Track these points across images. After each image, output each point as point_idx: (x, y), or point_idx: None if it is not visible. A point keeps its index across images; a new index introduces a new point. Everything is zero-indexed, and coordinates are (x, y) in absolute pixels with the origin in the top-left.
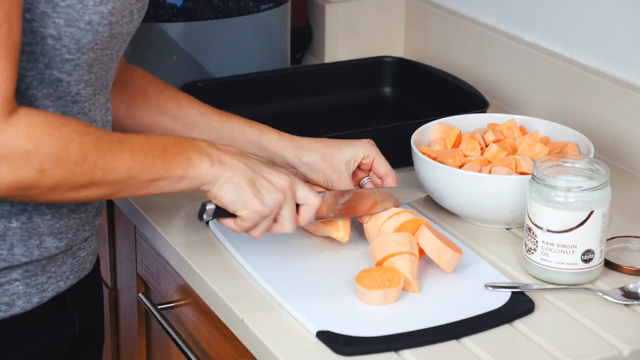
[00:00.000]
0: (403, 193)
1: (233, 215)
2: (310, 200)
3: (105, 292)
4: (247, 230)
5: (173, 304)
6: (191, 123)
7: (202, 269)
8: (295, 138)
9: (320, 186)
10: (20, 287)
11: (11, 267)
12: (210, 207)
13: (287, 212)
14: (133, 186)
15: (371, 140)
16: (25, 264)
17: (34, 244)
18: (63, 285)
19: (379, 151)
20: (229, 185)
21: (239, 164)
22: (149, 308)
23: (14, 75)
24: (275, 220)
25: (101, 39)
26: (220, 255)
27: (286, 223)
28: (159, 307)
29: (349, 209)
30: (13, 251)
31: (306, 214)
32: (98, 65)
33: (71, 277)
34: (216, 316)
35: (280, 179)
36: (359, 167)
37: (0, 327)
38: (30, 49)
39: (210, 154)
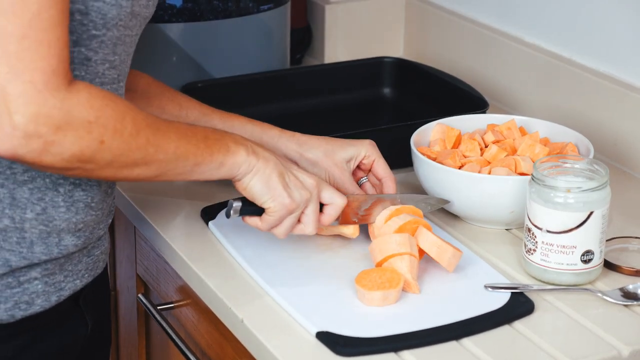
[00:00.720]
0: (425, 202)
1: (258, 214)
2: (335, 200)
3: None
4: (272, 228)
5: (173, 305)
6: (193, 122)
7: (202, 269)
8: (297, 135)
9: None
10: (40, 286)
11: (31, 266)
12: (237, 204)
13: (311, 211)
14: (179, 168)
15: (372, 142)
16: (45, 262)
17: (53, 241)
18: (79, 284)
19: (379, 153)
20: (261, 175)
21: (270, 157)
22: (148, 309)
23: (68, 43)
24: (299, 220)
25: (124, 15)
26: (220, 256)
27: (309, 222)
28: (158, 307)
29: (371, 215)
30: (33, 249)
31: (331, 213)
32: (121, 47)
33: (86, 275)
34: (216, 317)
35: (308, 178)
36: (358, 166)
37: (18, 325)
38: None
39: (244, 144)
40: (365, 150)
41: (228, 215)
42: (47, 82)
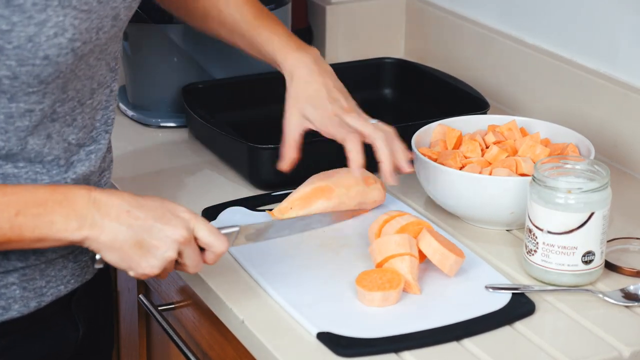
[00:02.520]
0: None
1: None
2: (213, 247)
3: None
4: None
5: (173, 306)
6: (230, 29)
7: (203, 270)
8: (291, 66)
9: None
10: (17, 291)
11: (7, 272)
12: (99, 256)
13: (186, 260)
14: (17, 245)
15: (361, 114)
16: (22, 268)
17: (29, 249)
18: (63, 290)
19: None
20: (110, 249)
21: (119, 228)
22: (149, 309)
23: None
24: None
25: (66, 67)
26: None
27: (188, 269)
28: (159, 308)
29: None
30: (8, 256)
31: (210, 258)
32: (74, 82)
33: (72, 281)
34: (217, 318)
35: (172, 234)
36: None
37: None
38: None
39: (83, 214)
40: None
41: (92, 265)
42: None
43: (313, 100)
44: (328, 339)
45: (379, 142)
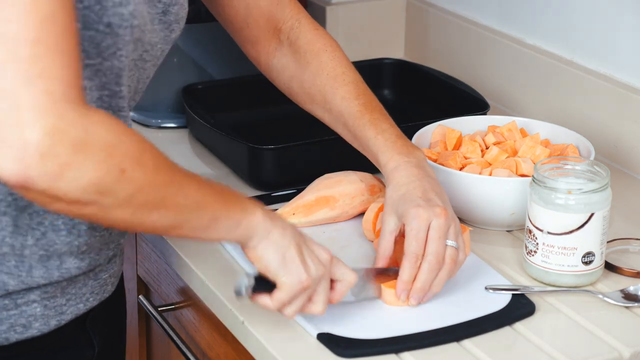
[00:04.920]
0: None
1: (269, 290)
2: (346, 276)
3: None
4: (283, 307)
5: (173, 306)
6: (336, 117)
7: (203, 271)
8: (391, 170)
9: None
10: (38, 309)
11: (29, 289)
12: (250, 282)
13: (322, 289)
14: (196, 219)
15: (446, 217)
16: (44, 285)
17: (53, 264)
18: (82, 308)
19: (424, 226)
20: (276, 246)
21: (287, 226)
22: (149, 310)
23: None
24: (309, 298)
25: (123, 44)
26: (220, 257)
27: (320, 301)
28: (159, 309)
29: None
30: (32, 273)
31: (341, 289)
32: (127, 76)
33: (91, 299)
34: (217, 318)
35: (323, 252)
36: None
37: (15, 348)
38: None
39: (261, 206)
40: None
41: (239, 294)
42: (65, 93)
43: (405, 198)
44: (328, 340)
45: (423, 266)
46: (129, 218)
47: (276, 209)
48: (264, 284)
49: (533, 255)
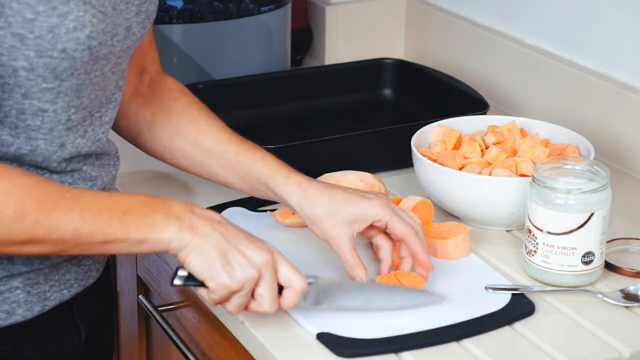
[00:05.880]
0: (411, 294)
1: (205, 286)
2: (293, 282)
3: None
4: (220, 303)
5: (173, 306)
6: (207, 150)
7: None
8: (304, 184)
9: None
10: (21, 295)
11: (11, 276)
12: (182, 273)
13: (263, 290)
14: (83, 245)
15: (385, 200)
16: (27, 272)
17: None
18: (67, 294)
19: (392, 210)
20: (197, 252)
21: (211, 232)
22: (149, 310)
23: None
24: (253, 297)
25: (81, 64)
26: None
27: (263, 302)
28: (159, 309)
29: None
30: (13, 260)
31: (289, 297)
32: (88, 89)
33: (75, 285)
34: (216, 318)
35: (257, 255)
36: (372, 225)
37: (0, 335)
38: (4, 80)
39: (181, 217)
40: (374, 214)
41: (172, 283)
42: None
43: (342, 204)
44: (328, 340)
45: (420, 238)
46: (1, 251)
47: (275, 209)
48: (198, 281)
49: (533, 255)
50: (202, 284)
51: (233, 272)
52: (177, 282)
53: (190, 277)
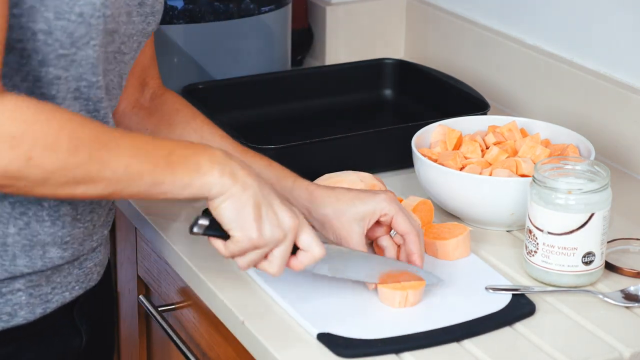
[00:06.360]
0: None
1: (224, 238)
2: (312, 248)
3: None
4: (234, 256)
5: (174, 306)
6: None
7: (203, 271)
8: (311, 187)
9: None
10: (23, 298)
11: (14, 278)
12: (203, 222)
13: (279, 252)
14: (134, 187)
15: (391, 195)
16: (29, 274)
17: (37, 254)
18: (68, 296)
19: (398, 207)
20: (234, 201)
21: (252, 184)
22: (149, 310)
23: (2, 52)
24: (265, 256)
25: (96, 33)
26: (220, 258)
27: (274, 263)
28: (159, 309)
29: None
30: (15, 262)
31: (303, 260)
32: (103, 66)
33: (77, 287)
34: (217, 318)
35: (287, 218)
36: (378, 222)
37: (1, 336)
38: (22, 45)
39: (223, 163)
40: (381, 209)
41: (191, 231)
42: None
43: (352, 200)
44: (328, 340)
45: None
46: (54, 194)
47: None
48: (220, 231)
49: (533, 255)
50: (221, 235)
51: (262, 228)
52: (196, 230)
53: (210, 227)
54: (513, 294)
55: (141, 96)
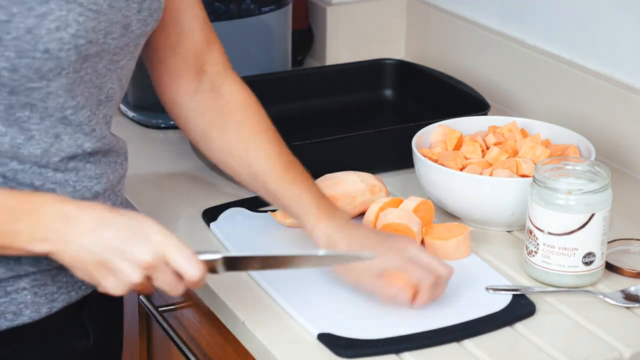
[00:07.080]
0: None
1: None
2: (185, 273)
3: None
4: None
5: (174, 307)
6: (254, 175)
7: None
8: (330, 230)
9: None
10: (29, 297)
11: (19, 276)
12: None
13: (159, 284)
14: None
15: (401, 245)
16: (34, 273)
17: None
18: (74, 296)
19: (408, 258)
20: (74, 268)
21: (81, 248)
22: (150, 310)
23: None
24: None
25: (69, 63)
26: None
27: (165, 290)
28: (160, 309)
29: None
30: (20, 261)
31: (187, 284)
32: (81, 87)
33: (83, 287)
34: (217, 319)
35: (139, 258)
36: None
37: (6, 335)
38: None
39: (49, 229)
40: (385, 266)
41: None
42: None
43: (374, 242)
44: (329, 340)
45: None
46: None
47: (276, 210)
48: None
49: (534, 255)
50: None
51: (115, 282)
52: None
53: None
54: (513, 294)
55: (199, 85)
